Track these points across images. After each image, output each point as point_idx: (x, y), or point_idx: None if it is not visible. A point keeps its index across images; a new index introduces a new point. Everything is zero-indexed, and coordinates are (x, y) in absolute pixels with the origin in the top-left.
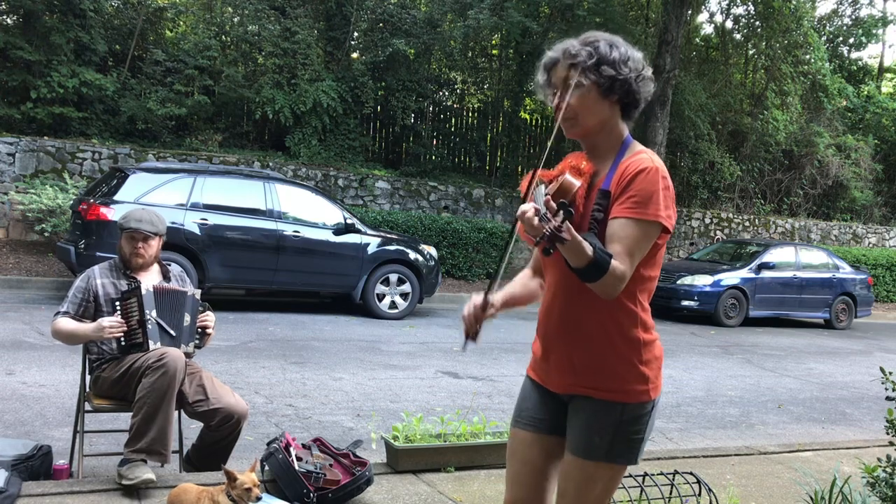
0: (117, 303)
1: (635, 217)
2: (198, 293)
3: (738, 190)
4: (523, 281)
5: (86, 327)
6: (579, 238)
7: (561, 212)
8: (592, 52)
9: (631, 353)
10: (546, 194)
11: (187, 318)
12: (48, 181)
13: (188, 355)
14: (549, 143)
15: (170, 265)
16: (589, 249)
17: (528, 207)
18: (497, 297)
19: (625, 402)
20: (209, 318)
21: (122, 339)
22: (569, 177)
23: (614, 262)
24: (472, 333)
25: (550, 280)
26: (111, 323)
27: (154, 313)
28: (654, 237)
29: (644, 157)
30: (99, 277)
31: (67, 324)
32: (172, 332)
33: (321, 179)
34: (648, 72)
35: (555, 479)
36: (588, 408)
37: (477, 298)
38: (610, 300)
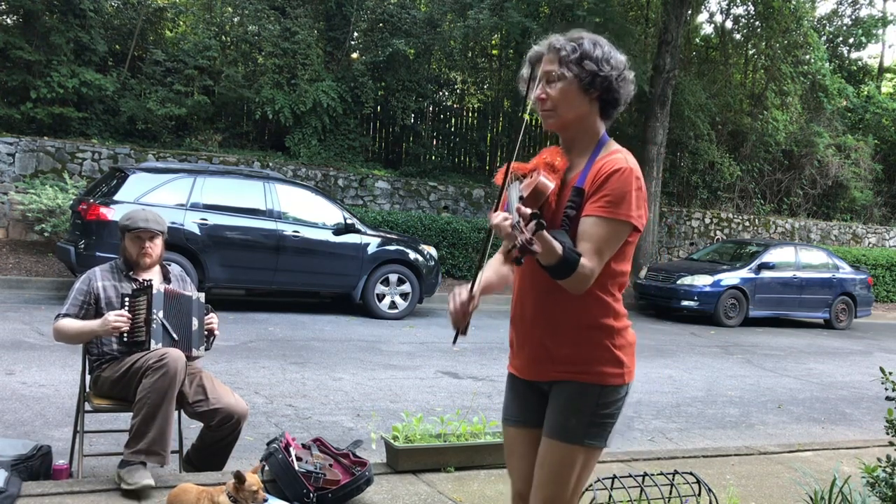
0: (126, 298)
1: (607, 216)
2: (202, 296)
3: (738, 190)
4: (495, 267)
5: (92, 323)
6: (550, 239)
7: (533, 222)
8: (576, 47)
9: (605, 338)
10: (520, 195)
11: (195, 322)
12: (48, 181)
13: (192, 358)
14: (519, 135)
15: (169, 265)
16: (559, 248)
17: (500, 218)
18: (477, 288)
19: (601, 384)
20: (214, 320)
21: (125, 335)
22: (543, 179)
23: (583, 261)
24: (462, 328)
25: (519, 272)
26: (117, 316)
27: (160, 314)
28: (625, 236)
29: (619, 157)
30: (100, 280)
31: (72, 323)
32: (175, 335)
33: (321, 179)
34: (630, 74)
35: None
36: (566, 391)
37: (461, 293)
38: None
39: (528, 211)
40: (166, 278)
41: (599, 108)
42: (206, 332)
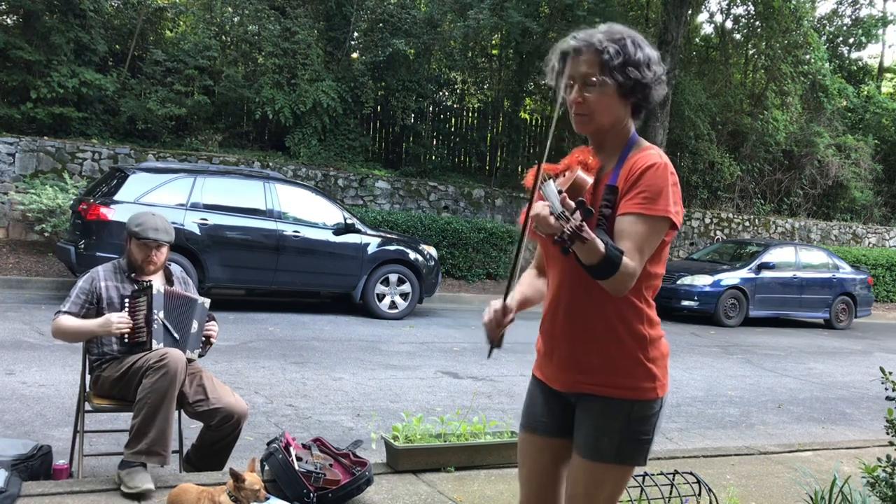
0: (126, 299)
1: (645, 213)
2: (207, 302)
3: (738, 190)
4: (530, 280)
5: (91, 322)
6: (593, 236)
7: (578, 210)
8: (619, 51)
9: (638, 350)
10: (559, 191)
11: (195, 325)
12: (48, 181)
13: (190, 360)
14: (550, 134)
15: (170, 265)
16: (602, 246)
17: (542, 207)
18: (513, 300)
19: (633, 399)
20: (214, 328)
21: (126, 336)
22: (581, 174)
23: (625, 259)
24: (496, 340)
25: (554, 277)
26: (119, 318)
27: (161, 314)
28: (663, 233)
29: (653, 153)
30: (103, 280)
31: (71, 321)
32: (176, 335)
33: (321, 179)
34: (664, 75)
35: (566, 480)
36: (596, 407)
37: (496, 304)
38: (617, 297)
39: (572, 202)
40: (169, 280)
41: (632, 109)
42: (203, 338)
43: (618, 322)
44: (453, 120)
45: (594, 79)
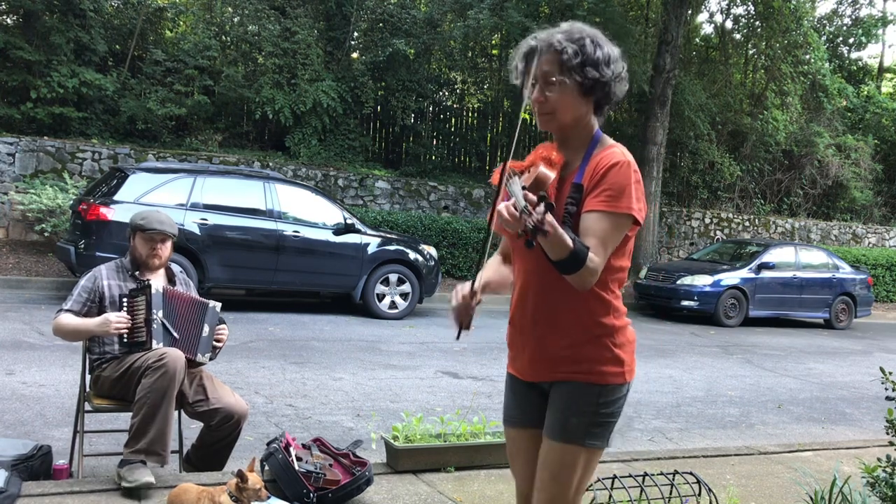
0: (125, 299)
1: (609, 210)
2: (218, 306)
3: (738, 190)
4: (495, 267)
5: (90, 322)
6: (561, 230)
7: (542, 204)
8: (578, 51)
9: (606, 338)
10: (522, 186)
11: (206, 329)
12: (48, 181)
13: (196, 364)
14: (515, 134)
15: (171, 265)
16: (569, 241)
17: (505, 206)
18: (478, 284)
19: (602, 384)
20: (224, 332)
21: (125, 336)
22: (543, 169)
23: (590, 255)
24: (465, 323)
25: (520, 272)
26: (117, 318)
27: (160, 314)
28: (626, 229)
29: (616, 152)
30: (106, 278)
31: (71, 319)
32: (176, 334)
33: (321, 179)
34: (625, 72)
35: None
36: (566, 391)
37: (464, 289)
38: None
39: (534, 196)
40: (171, 280)
41: (594, 106)
42: (214, 342)
43: (585, 314)
44: (453, 120)
45: (554, 78)
